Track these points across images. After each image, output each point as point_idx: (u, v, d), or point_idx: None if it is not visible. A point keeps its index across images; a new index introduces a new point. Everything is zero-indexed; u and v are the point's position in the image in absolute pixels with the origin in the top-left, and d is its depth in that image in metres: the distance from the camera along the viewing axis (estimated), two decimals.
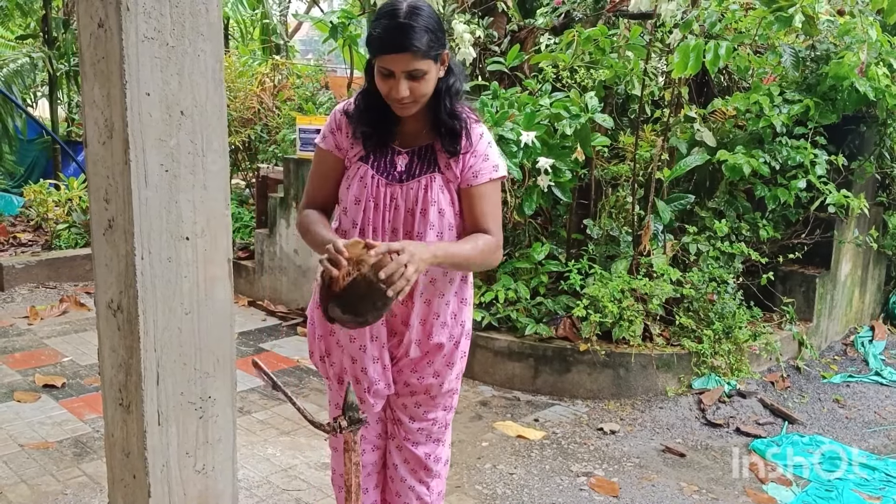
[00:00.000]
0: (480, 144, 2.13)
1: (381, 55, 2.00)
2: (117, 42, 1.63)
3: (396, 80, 1.99)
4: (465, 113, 2.14)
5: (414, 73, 1.98)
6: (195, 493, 1.90)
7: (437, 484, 2.40)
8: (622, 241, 4.85)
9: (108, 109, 1.70)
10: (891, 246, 5.77)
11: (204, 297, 1.83)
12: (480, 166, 2.11)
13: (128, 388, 1.82)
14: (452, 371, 2.26)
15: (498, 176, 2.14)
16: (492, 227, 2.13)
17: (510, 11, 5.65)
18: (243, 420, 3.94)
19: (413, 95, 2.01)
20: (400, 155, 2.14)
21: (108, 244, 1.79)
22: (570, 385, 4.42)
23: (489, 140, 2.17)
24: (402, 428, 2.32)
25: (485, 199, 2.12)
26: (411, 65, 1.96)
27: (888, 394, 4.66)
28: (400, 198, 2.10)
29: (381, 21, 1.99)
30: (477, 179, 2.11)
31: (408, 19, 1.95)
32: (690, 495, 3.40)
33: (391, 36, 1.96)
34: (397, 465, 2.36)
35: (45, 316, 5.62)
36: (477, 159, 2.11)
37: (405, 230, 2.11)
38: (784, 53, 4.47)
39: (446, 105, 2.09)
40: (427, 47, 1.96)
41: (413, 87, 2.00)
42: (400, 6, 1.97)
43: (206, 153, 1.78)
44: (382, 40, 1.98)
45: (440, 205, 2.10)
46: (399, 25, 1.95)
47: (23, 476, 3.35)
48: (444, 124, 2.10)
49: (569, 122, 4.29)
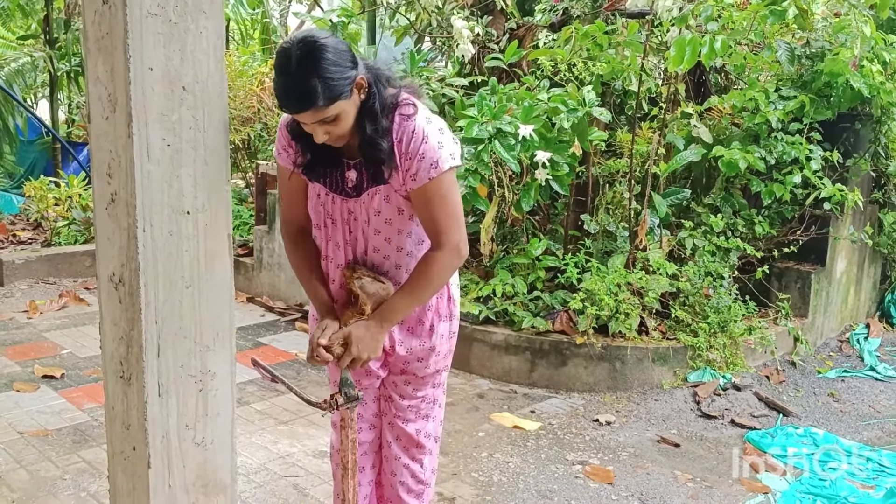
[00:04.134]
0: (414, 143, 1.99)
1: (281, 110, 1.95)
2: (121, 18, 1.67)
3: (311, 127, 1.93)
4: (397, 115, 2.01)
5: (325, 120, 1.89)
6: (194, 466, 1.92)
7: (430, 461, 2.43)
8: (619, 236, 4.89)
9: (111, 84, 1.74)
10: (886, 244, 5.80)
11: (204, 271, 1.87)
12: (417, 167, 1.99)
13: (128, 361, 1.85)
14: (439, 354, 2.29)
15: (439, 172, 1.99)
16: (443, 227, 2.04)
17: (509, 10, 5.69)
18: (242, 410, 3.96)
19: (332, 136, 1.95)
20: (350, 169, 2.08)
21: (111, 218, 1.82)
22: (566, 378, 4.45)
23: (426, 133, 1.99)
24: (393, 405, 2.35)
25: (430, 199, 2.02)
26: (317, 116, 1.88)
27: (882, 388, 4.70)
28: (357, 211, 2.11)
29: (276, 74, 1.88)
30: (416, 181, 2.00)
31: (300, 75, 1.83)
32: (685, 483, 3.43)
33: (287, 97, 1.87)
34: (390, 442, 2.39)
35: (45, 310, 5.65)
36: (412, 160, 1.99)
37: (363, 237, 2.14)
38: (779, 49, 4.51)
39: (366, 132, 1.96)
40: (328, 97, 1.84)
41: (330, 129, 1.92)
42: (289, 58, 1.84)
43: (207, 129, 1.82)
44: (280, 100, 1.90)
45: (385, 215, 2.09)
46: (292, 86, 1.84)
47: (22, 462, 3.38)
48: (363, 153, 2.01)
49: (566, 115, 4.33)
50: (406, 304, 2.11)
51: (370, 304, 2.11)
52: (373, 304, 2.11)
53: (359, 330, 2.07)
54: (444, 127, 2.06)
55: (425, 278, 2.08)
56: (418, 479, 2.41)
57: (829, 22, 4.97)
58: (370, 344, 2.07)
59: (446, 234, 2.05)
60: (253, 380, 4.40)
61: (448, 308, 2.28)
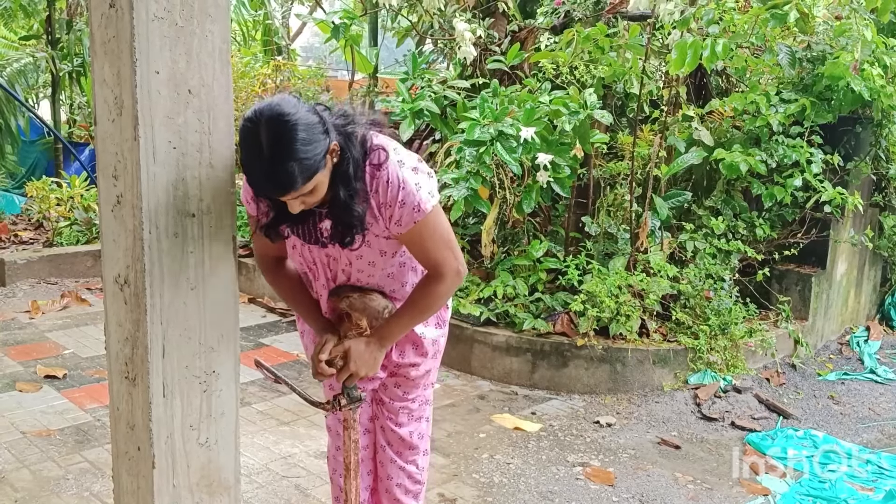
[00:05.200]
0: (391, 192, 1.93)
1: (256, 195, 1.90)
2: (128, 21, 1.68)
3: (288, 203, 1.86)
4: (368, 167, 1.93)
5: (302, 194, 1.81)
6: (198, 466, 1.94)
7: (424, 461, 2.45)
8: (620, 238, 4.90)
9: (117, 87, 1.75)
10: (886, 247, 5.82)
11: (209, 272, 1.88)
12: (399, 214, 1.95)
13: (134, 362, 1.86)
14: (435, 358, 2.32)
15: (423, 215, 1.95)
16: (439, 260, 2.03)
17: (511, 12, 5.71)
18: (244, 411, 3.97)
19: (308, 205, 1.88)
20: (323, 219, 2.00)
21: (116, 220, 1.83)
22: (567, 379, 4.46)
23: (401, 179, 1.93)
24: (385, 408, 2.37)
25: (421, 239, 2.00)
26: (294, 195, 1.81)
27: (882, 391, 4.71)
28: (335, 255, 2.09)
29: (246, 157, 1.78)
30: (402, 227, 1.97)
31: (274, 161, 1.73)
32: (685, 485, 3.44)
33: (263, 185, 1.80)
34: (384, 445, 2.40)
35: (47, 310, 5.66)
36: (394, 208, 1.94)
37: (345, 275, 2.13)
38: (780, 52, 4.53)
39: (340, 197, 1.88)
40: (306, 178, 1.76)
41: (306, 199, 1.85)
42: (259, 142, 1.74)
43: (212, 132, 1.83)
44: (254, 187, 1.84)
45: (367, 258, 2.08)
46: (267, 173, 1.75)
47: (25, 462, 3.39)
48: (334, 217, 1.94)
49: (568, 118, 4.34)
50: (406, 325, 2.13)
51: (364, 317, 2.13)
52: (367, 317, 2.13)
53: (359, 346, 2.08)
54: (416, 164, 2.00)
55: (424, 304, 2.09)
56: (415, 480, 2.43)
57: (830, 25, 4.99)
58: (368, 361, 2.09)
59: (444, 265, 2.05)
60: (255, 380, 4.41)
61: (441, 315, 2.32)
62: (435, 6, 5.28)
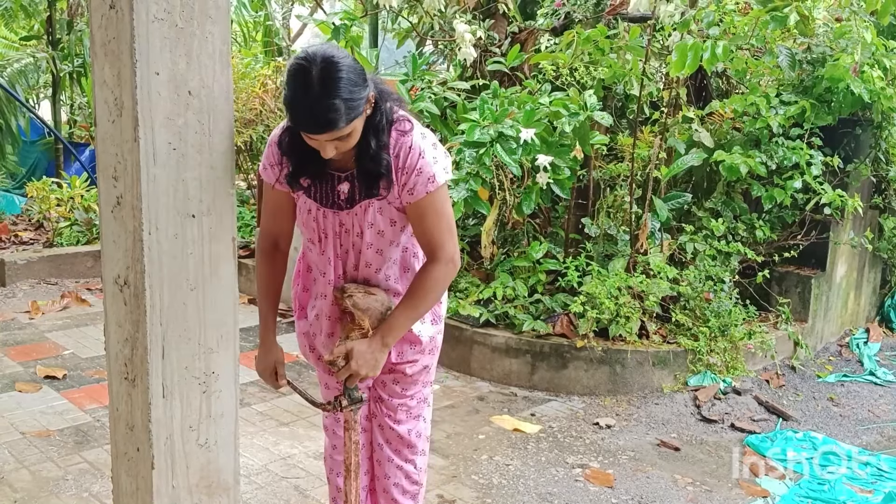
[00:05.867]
0: (411, 158, 2.02)
1: (298, 130, 1.92)
2: (128, 22, 1.68)
3: (321, 144, 1.92)
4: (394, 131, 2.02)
5: (339, 137, 1.90)
6: (198, 467, 1.94)
7: (422, 461, 2.45)
8: (620, 239, 4.91)
9: (118, 88, 1.75)
10: (886, 249, 5.81)
11: (209, 273, 1.88)
12: (414, 181, 2.03)
13: (133, 362, 1.86)
14: (425, 353, 2.32)
15: (435, 187, 2.04)
16: (439, 241, 2.09)
17: (511, 13, 5.71)
18: (243, 412, 3.97)
19: (340, 151, 1.95)
20: (341, 181, 2.08)
21: (116, 221, 1.84)
22: (566, 381, 4.46)
23: (421, 149, 2.03)
24: (384, 405, 2.37)
25: (426, 213, 2.07)
26: (334, 135, 1.88)
27: (882, 393, 4.71)
28: (348, 223, 2.13)
29: (293, 93, 1.84)
30: (413, 196, 2.04)
31: (322, 97, 1.81)
32: (684, 487, 3.44)
33: (309, 119, 1.85)
34: (382, 444, 2.40)
35: (47, 311, 5.66)
36: (409, 175, 2.02)
37: (351, 246, 2.16)
38: (780, 54, 4.53)
39: (370, 146, 1.98)
40: (349, 118, 1.85)
41: (339, 145, 1.92)
42: (310, 76, 1.81)
43: (212, 133, 1.83)
44: (297, 120, 1.87)
45: (378, 226, 2.12)
46: (314, 108, 1.82)
47: (24, 462, 3.39)
48: (366, 168, 2.02)
49: (568, 119, 4.34)
50: (406, 320, 2.14)
51: (367, 318, 2.13)
52: (370, 318, 2.14)
53: (361, 346, 2.10)
54: (436, 142, 2.10)
55: (423, 291, 2.12)
56: (412, 480, 2.43)
57: (831, 27, 4.99)
58: (370, 361, 2.10)
59: (442, 247, 2.10)
60: (255, 381, 4.41)
61: (434, 310, 2.31)
62: (435, 7, 5.28)
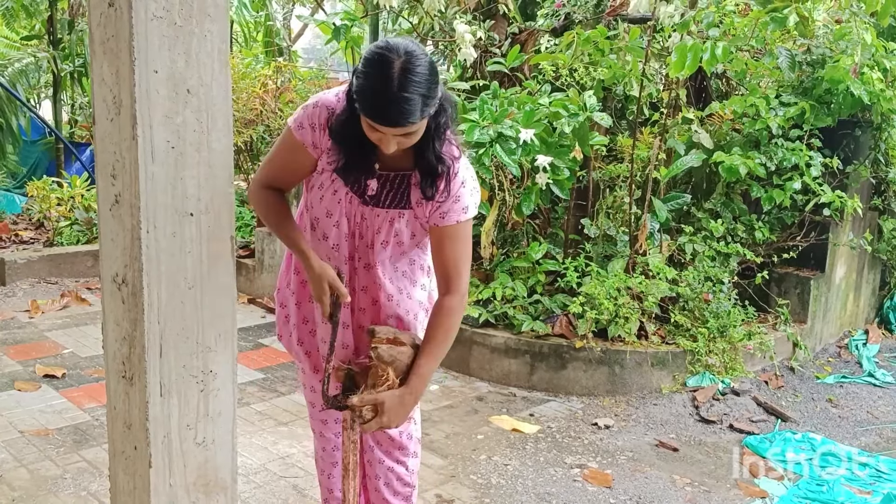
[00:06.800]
0: (454, 185, 2.04)
1: (371, 120, 1.87)
2: (127, 21, 1.68)
3: (386, 137, 1.89)
4: (449, 151, 2.03)
5: (405, 133, 1.89)
6: (195, 465, 1.94)
7: (414, 463, 2.45)
8: (619, 240, 4.91)
9: (116, 87, 1.75)
10: (885, 251, 5.82)
11: (207, 272, 1.88)
12: (450, 207, 2.05)
13: (131, 361, 1.87)
14: None
15: (466, 218, 2.07)
16: (457, 271, 2.08)
17: (511, 14, 5.72)
18: (242, 411, 3.97)
19: (401, 147, 1.94)
20: (373, 178, 2.08)
21: (115, 219, 1.84)
22: (565, 381, 4.46)
23: (463, 179, 2.06)
24: None
25: (453, 240, 2.07)
26: (405, 130, 1.87)
27: (881, 394, 4.71)
28: (369, 218, 2.14)
29: (370, 83, 1.83)
30: (444, 220, 2.06)
31: (402, 90, 1.79)
32: (683, 487, 3.44)
33: (383, 112, 1.83)
34: (372, 446, 2.40)
35: (46, 310, 5.66)
36: (448, 201, 2.04)
37: (365, 242, 2.17)
38: (780, 55, 4.53)
39: (434, 147, 1.99)
40: (422, 114, 1.84)
41: (403, 141, 1.91)
42: (392, 70, 1.80)
43: (211, 131, 1.83)
44: (374, 111, 1.84)
45: (401, 237, 2.15)
46: (392, 101, 1.80)
47: (22, 461, 3.39)
48: (427, 165, 2.01)
49: (567, 120, 4.35)
50: (432, 365, 2.12)
51: (391, 369, 2.09)
52: (395, 370, 2.09)
53: (392, 401, 2.04)
54: (475, 176, 2.15)
55: (443, 331, 2.10)
56: (404, 482, 2.43)
57: (830, 29, 4.99)
58: (401, 414, 2.06)
59: (459, 278, 2.10)
60: (253, 381, 4.42)
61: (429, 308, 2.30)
62: (435, 8, 5.28)
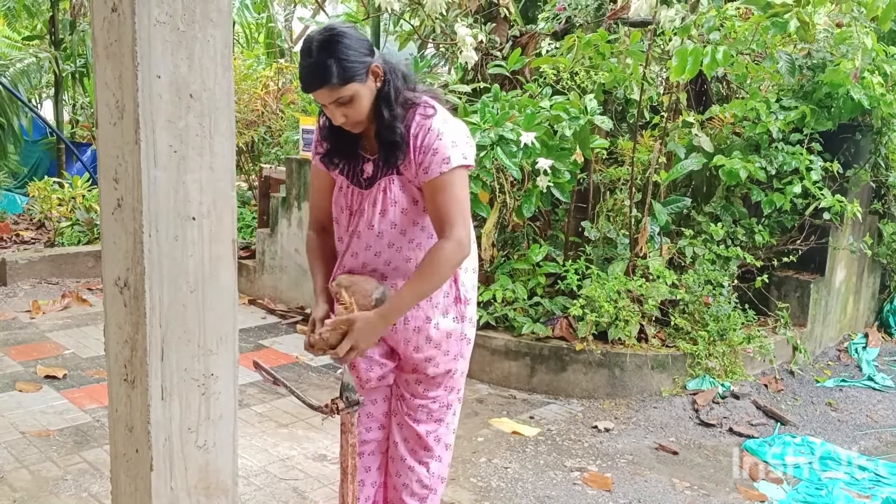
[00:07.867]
0: (428, 139, 2.13)
1: (303, 92, 2.16)
2: (130, 25, 1.69)
3: (329, 109, 2.10)
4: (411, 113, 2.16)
5: (341, 101, 2.06)
6: (196, 468, 1.94)
7: (437, 467, 2.42)
8: (619, 243, 4.91)
9: (119, 91, 1.76)
10: (885, 254, 5.83)
11: (208, 275, 1.89)
12: (430, 161, 2.12)
13: (133, 364, 1.87)
14: (448, 354, 2.30)
15: (449, 168, 2.11)
16: (449, 220, 2.12)
17: (512, 17, 5.73)
18: (242, 413, 3.98)
19: (349, 119, 2.11)
20: (368, 162, 2.23)
21: (117, 222, 1.84)
22: (565, 384, 4.47)
23: (440, 131, 2.14)
24: (405, 403, 2.38)
25: (438, 192, 2.13)
26: (333, 95, 2.05)
27: (880, 398, 4.71)
28: (367, 202, 2.22)
29: (300, 60, 2.09)
30: (427, 175, 2.13)
31: (318, 55, 2.02)
32: (682, 491, 3.44)
33: (304, 76, 2.06)
34: (398, 442, 2.40)
35: (48, 310, 5.67)
36: (425, 155, 2.13)
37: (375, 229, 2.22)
38: (781, 60, 4.54)
39: (383, 116, 2.12)
40: (342, 77, 2.02)
41: (346, 111, 2.09)
42: (311, 43, 2.05)
43: (213, 135, 1.84)
44: (301, 80, 2.09)
45: (402, 204, 2.20)
46: (310, 65, 2.04)
47: (24, 462, 3.40)
48: (379, 137, 2.16)
49: (568, 123, 4.36)
50: (410, 296, 2.14)
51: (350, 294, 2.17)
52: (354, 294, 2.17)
53: (361, 322, 2.13)
54: (461, 130, 2.20)
55: (429, 267, 2.13)
56: (423, 484, 2.41)
57: (831, 33, 5.00)
58: (371, 335, 2.13)
59: (452, 226, 2.12)
60: (254, 382, 4.42)
61: (456, 308, 2.29)
62: (437, 10, 5.29)
